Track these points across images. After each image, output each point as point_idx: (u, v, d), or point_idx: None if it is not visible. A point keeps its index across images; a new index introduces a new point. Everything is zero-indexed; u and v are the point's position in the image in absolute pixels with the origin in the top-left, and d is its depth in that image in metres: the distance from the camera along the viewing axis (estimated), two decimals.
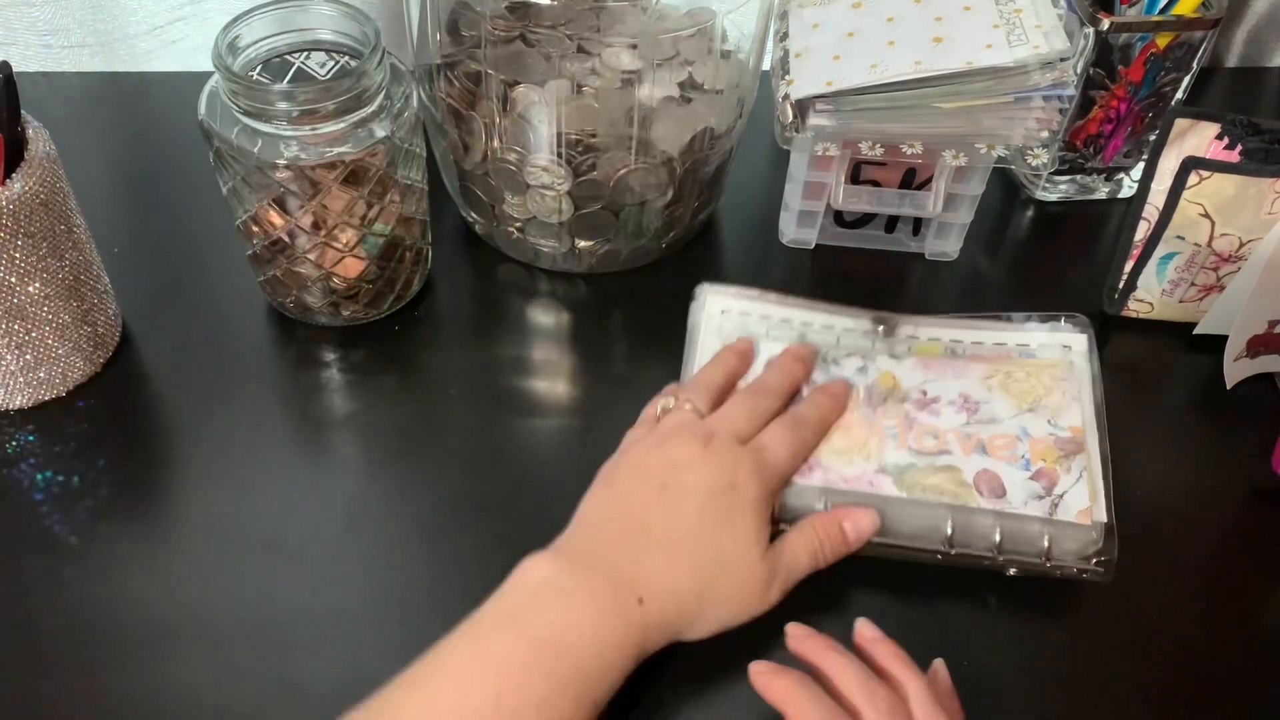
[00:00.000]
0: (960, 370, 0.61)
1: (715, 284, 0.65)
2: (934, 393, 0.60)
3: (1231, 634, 0.56)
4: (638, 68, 0.63)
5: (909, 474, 0.57)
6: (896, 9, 0.67)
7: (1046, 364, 0.61)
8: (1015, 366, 0.61)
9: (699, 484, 0.52)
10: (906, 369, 0.61)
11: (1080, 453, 0.57)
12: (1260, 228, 0.62)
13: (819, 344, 0.62)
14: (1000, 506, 0.55)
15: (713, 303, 0.64)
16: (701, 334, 0.63)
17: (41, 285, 0.58)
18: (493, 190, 0.68)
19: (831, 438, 0.58)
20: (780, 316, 0.64)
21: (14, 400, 0.62)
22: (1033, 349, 0.62)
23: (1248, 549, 0.60)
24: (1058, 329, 0.63)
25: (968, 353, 0.62)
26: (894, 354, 0.62)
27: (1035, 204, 0.79)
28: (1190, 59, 0.71)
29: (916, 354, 0.62)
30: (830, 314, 0.64)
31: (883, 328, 0.63)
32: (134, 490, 0.60)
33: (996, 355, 0.62)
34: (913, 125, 0.65)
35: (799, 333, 0.63)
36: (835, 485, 0.56)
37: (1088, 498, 0.56)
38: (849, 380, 0.60)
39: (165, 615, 0.55)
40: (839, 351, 0.62)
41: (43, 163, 0.57)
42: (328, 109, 0.57)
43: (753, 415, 0.56)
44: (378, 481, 0.61)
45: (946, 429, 0.58)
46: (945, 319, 0.64)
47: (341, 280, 0.64)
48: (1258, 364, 0.66)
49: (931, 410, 0.59)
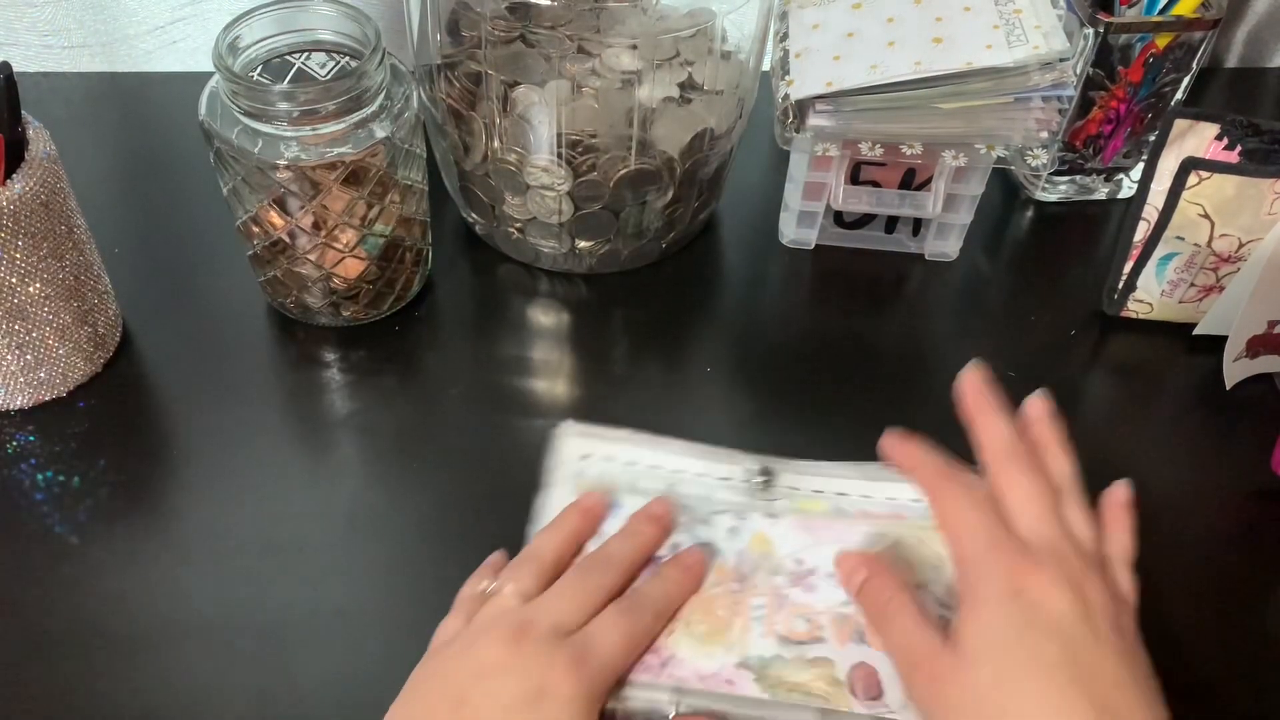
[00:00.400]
0: (842, 533, 0.52)
1: (576, 423, 0.56)
2: (811, 562, 0.51)
3: (1232, 634, 0.56)
4: (638, 68, 0.63)
5: (774, 668, 0.48)
6: (896, 9, 0.67)
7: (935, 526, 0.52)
8: (906, 530, 0.52)
9: (500, 696, 0.44)
10: (783, 530, 0.53)
11: None
12: (1260, 228, 0.62)
13: (689, 497, 0.54)
14: (875, 709, 0.47)
15: (571, 446, 0.55)
16: (557, 484, 0.54)
17: (42, 286, 0.58)
18: (493, 191, 0.68)
19: (691, 618, 0.49)
20: (649, 462, 0.55)
21: (14, 400, 0.62)
22: (923, 507, 0.52)
23: (1247, 549, 0.60)
24: (888, 477, 0.54)
25: (855, 509, 0.54)
26: (771, 512, 0.53)
27: (1035, 204, 0.79)
28: (1190, 59, 0.71)
29: (797, 511, 0.54)
30: (706, 459, 0.55)
31: (761, 479, 0.55)
32: (134, 490, 0.60)
33: (887, 513, 0.53)
34: (913, 125, 0.66)
35: (668, 482, 0.54)
36: (689, 684, 0.47)
37: None
38: (714, 545, 0.52)
39: (165, 615, 0.55)
40: (710, 508, 0.53)
41: (43, 163, 0.57)
42: (328, 109, 0.57)
43: (583, 598, 0.48)
44: (378, 481, 0.61)
45: (821, 609, 0.50)
46: (835, 467, 0.55)
47: (342, 280, 0.64)
48: (1258, 364, 0.66)
49: (806, 585, 0.51)
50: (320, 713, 0.51)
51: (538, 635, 0.46)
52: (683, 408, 0.65)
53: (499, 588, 0.49)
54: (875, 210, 0.72)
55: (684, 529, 0.53)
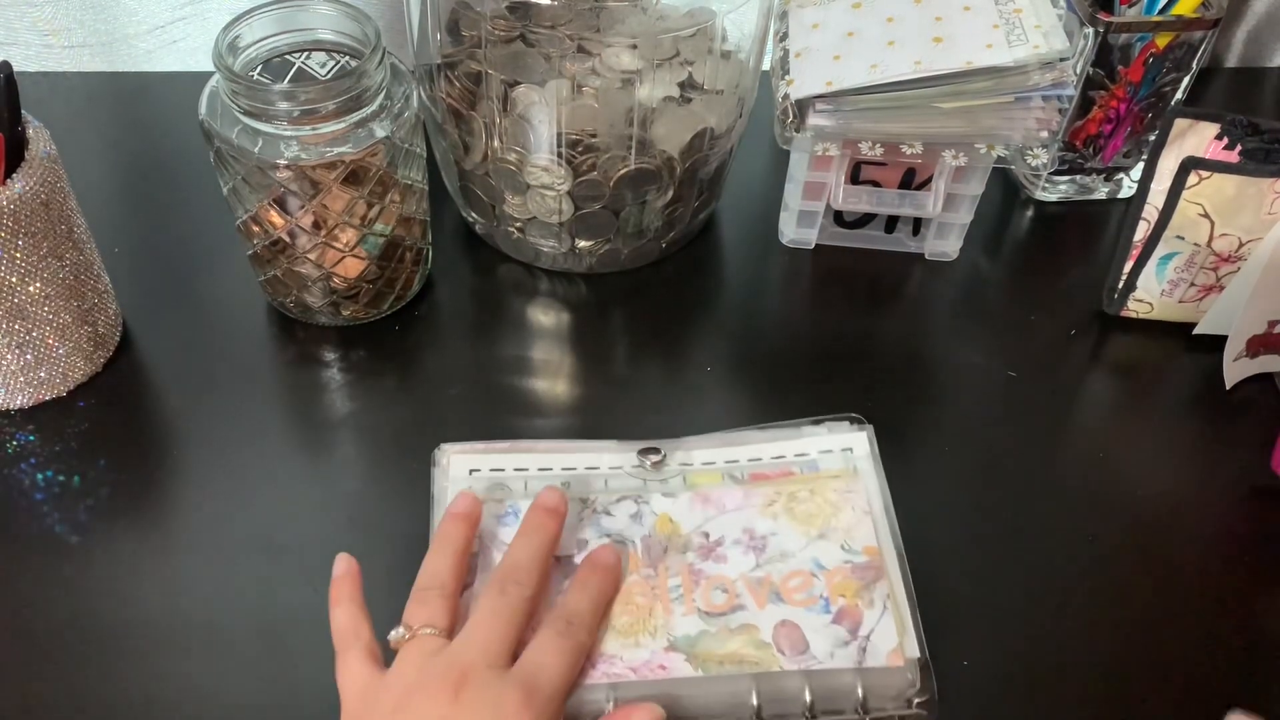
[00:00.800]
0: (741, 499, 0.54)
1: (455, 443, 0.56)
2: (716, 534, 0.53)
3: (1232, 634, 0.56)
4: (638, 68, 0.63)
5: (701, 644, 0.49)
6: (896, 9, 0.67)
7: (829, 476, 0.55)
8: (798, 485, 0.55)
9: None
10: (683, 507, 0.54)
11: (880, 579, 0.51)
12: (1260, 228, 0.62)
13: (586, 491, 0.55)
14: (805, 664, 0.49)
15: (457, 464, 0.55)
16: (449, 504, 0.53)
17: (42, 285, 0.58)
18: (493, 190, 0.68)
19: (612, 613, 0.50)
20: (538, 466, 0.56)
21: (14, 400, 0.62)
22: (813, 458, 0.56)
23: (1247, 549, 0.60)
24: (836, 429, 0.57)
25: (747, 474, 0.56)
26: (668, 491, 0.55)
27: (1035, 204, 0.79)
28: (1190, 59, 0.71)
29: (692, 486, 0.55)
30: (593, 452, 0.56)
31: (651, 460, 0.56)
32: (134, 490, 0.60)
33: (778, 473, 0.56)
34: (913, 125, 0.65)
35: (561, 481, 0.55)
36: (624, 678, 0.48)
37: (895, 633, 0.49)
38: (621, 535, 0.53)
39: (165, 615, 0.55)
40: (608, 497, 0.54)
41: (43, 163, 0.57)
42: (328, 109, 0.57)
43: (507, 618, 0.46)
44: (378, 481, 0.61)
45: (735, 577, 0.51)
46: (719, 437, 0.57)
47: (342, 280, 0.64)
48: (1258, 364, 0.66)
49: (717, 557, 0.52)
50: (320, 712, 0.51)
51: (479, 679, 0.44)
52: (683, 407, 0.65)
53: (410, 628, 0.46)
54: (875, 210, 0.72)
55: (589, 523, 0.54)
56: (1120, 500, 0.61)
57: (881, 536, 0.53)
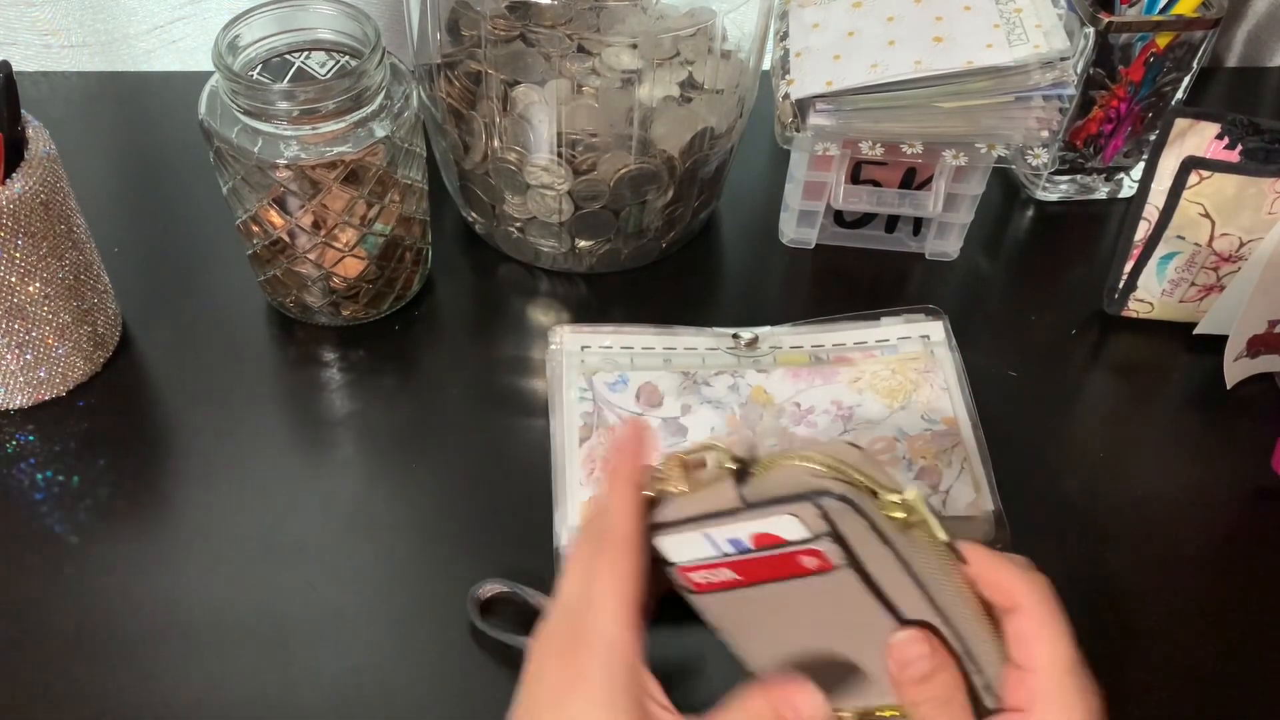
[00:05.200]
0: (828, 375, 0.61)
1: (569, 324, 0.64)
2: (807, 403, 0.60)
3: (1233, 634, 0.56)
4: (638, 67, 0.63)
5: None
6: (896, 9, 0.67)
7: (909, 358, 0.62)
8: (880, 365, 0.62)
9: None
10: (776, 381, 0.61)
11: (957, 444, 0.58)
12: (1260, 227, 0.62)
13: (687, 366, 0.62)
14: None
15: (571, 341, 0.63)
16: (565, 374, 0.61)
17: (41, 285, 0.58)
18: (493, 190, 0.68)
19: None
20: (642, 345, 0.63)
21: (14, 400, 0.62)
22: (893, 343, 0.63)
23: (1248, 549, 0.60)
24: (914, 320, 0.65)
25: (831, 357, 0.63)
26: (761, 367, 0.62)
27: (1035, 204, 0.79)
28: (1190, 59, 0.71)
29: (783, 364, 0.62)
30: (690, 335, 0.64)
31: (744, 342, 0.63)
32: (134, 490, 0.60)
33: (860, 356, 0.63)
34: (913, 125, 0.65)
35: (663, 358, 0.62)
36: None
37: (972, 489, 0.56)
38: (721, 402, 0.60)
39: (165, 615, 0.55)
40: (707, 371, 0.62)
41: (43, 163, 0.57)
42: (328, 108, 0.57)
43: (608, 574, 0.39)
44: (378, 481, 0.61)
45: (826, 441, 0.58)
46: (803, 325, 0.65)
47: (341, 280, 0.64)
48: (1258, 364, 0.66)
49: (808, 423, 0.59)
50: (320, 712, 0.51)
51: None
52: None
53: None
54: (875, 210, 0.72)
55: (690, 391, 0.61)
56: (1120, 500, 0.61)
57: (959, 410, 0.60)
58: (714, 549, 0.38)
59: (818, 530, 0.36)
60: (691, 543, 0.39)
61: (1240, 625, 0.56)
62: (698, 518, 0.38)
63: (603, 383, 0.61)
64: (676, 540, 0.39)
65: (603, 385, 0.61)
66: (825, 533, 0.36)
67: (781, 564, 0.38)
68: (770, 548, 0.37)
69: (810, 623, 0.40)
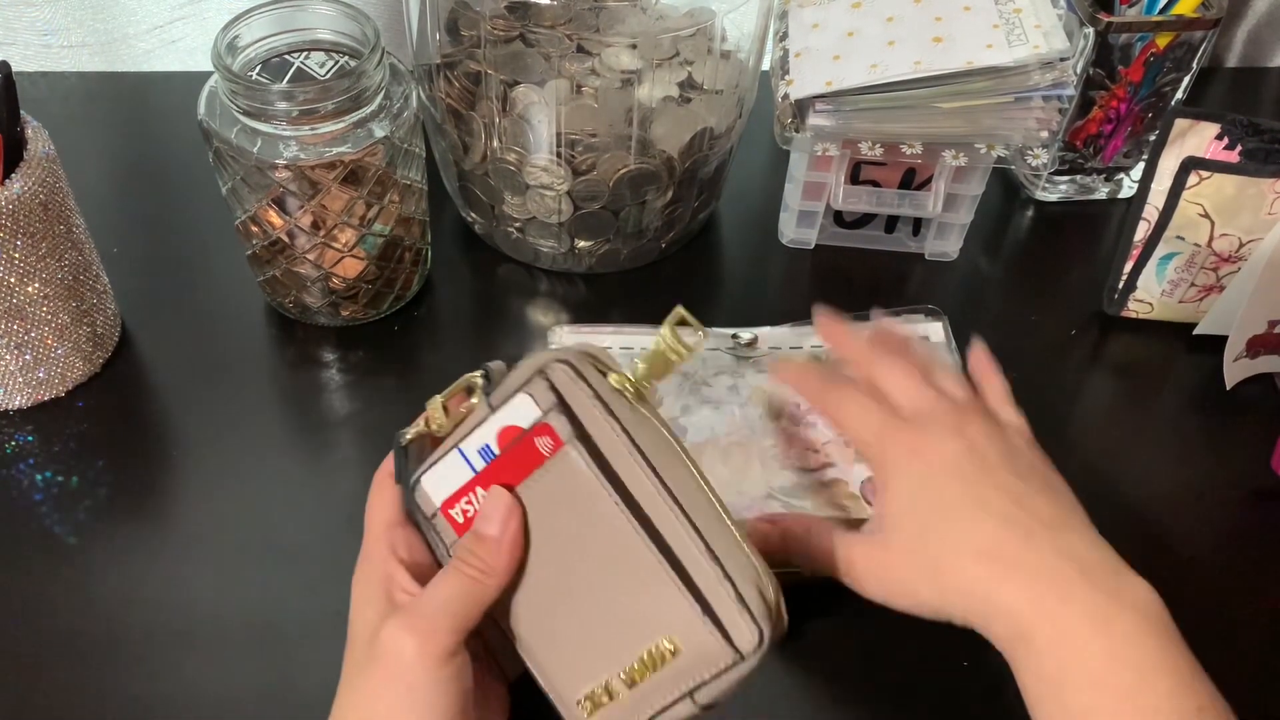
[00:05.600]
0: None
1: (567, 325, 0.65)
2: (807, 405, 0.60)
3: (1233, 634, 0.56)
4: (637, 68, 0.63)
5: (797, 494, 0.56)
6: (896, 9, 0.67)
7: None
8: None
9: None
10: (775, 382, 0.61)
11: None
12: (1260, 228, 0.62)
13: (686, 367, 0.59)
14: None
15: (569, 341, 0.63)
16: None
17: (41, 285, 0.58)
18: (492, 190, 0.68)
19: (715, 467, 0.57)
20: (641, 345, 0.63)
21: (13, 400, 0.62)
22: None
23: (1248, 549, 0.60)
24: (913, 321, 0.65)
25: (831, 357, 0.61)
26: (760, 368, 0.62)
27: (1035, 204, 0.79)
28: (1190, 59, 0.71)
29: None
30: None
31: (743, 343, 0.63)
32: (133, 490, 0.60)
33: None
34: (913, 125, 0.65)
35: None
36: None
37: None
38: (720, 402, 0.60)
39: (165, 615, 0.55)
40: (706, 372, 0.62)
41: (42, 163, 0.57)
42: (327, 109, 0.57)
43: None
44: None
45: (825, 441, 0.58)
46: (802, 326, 0.64)
47: (341, 280, 0.64)
48: (1258, 364, 0.66)
49: (807, 424, 0.59)
50: (320, 712, 0.51)
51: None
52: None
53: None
54: (875, 210, 0.72)
55: (690, 391, 0.60)
56: (1120, 500, 0.61)
57: None
58: (467, 466, 0.41)
59: (547, 405, 0.39)
60: (449, 468, 0.41)
61: (1240, 625, 0.56)
62: (454, 441, 0.41)
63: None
64: (437, 475, 0.42)
65: None
66: (554, 405, 0.39)
67: (522, 457, 0.40)
68: (512, 442, 0.40)
69: (572, 580, 0.40)
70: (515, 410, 0.40)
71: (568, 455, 0.39)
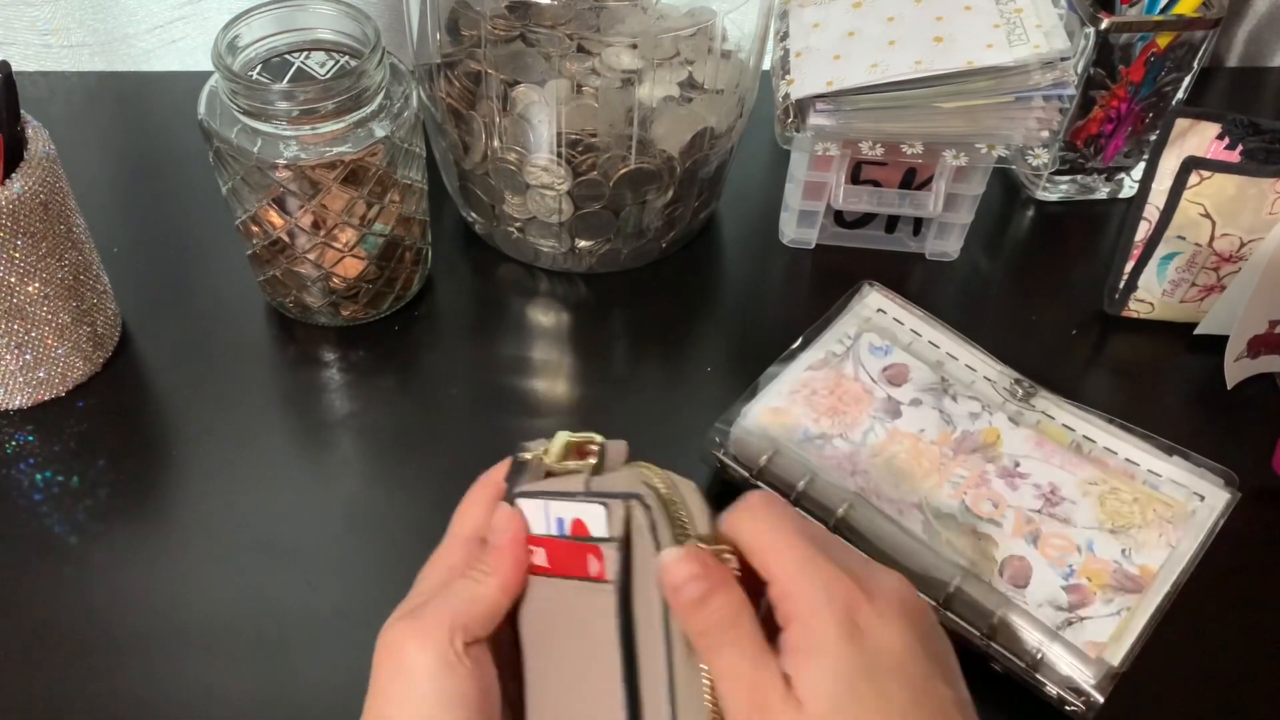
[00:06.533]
0: (1071, 465, 0.58)
1: (881, 286, 0.66)
2: (1026, 469, 0.57)
3: (1233, 635, 0.56)
4: (638, 67, 0.63)
5: (944, 522, 0.55)
6: (896, 9, 0.67)
7: (1162, 499, 0.57)
8: (1127, 488, 0.57)
9: None
10: (1017, 438, 0.59)
11: (1136, 593, 0.53)
12: (1261, 228, 0.62)
13: (951, 376, 0.62)
14: (1013, 596, 0.52)
15: (873, 299, 0.65)
16: (844, 318, 0.64)
17: (41, 285, 0.58)
18: (493, 190, 0.68)
19: (897, 452, 0.57)
20: (930, 338, 0.64)
21: (13, 400, 0.62)
22: (1161, 480, 0.58)
23: (1248, 549, 0.60)
24: (1202, 474, 0.58)
25: (1093, 453, 0.59)
26: (1016, 419, 0.60)
27: (1035, 204, 0.79)
28: (1191, 59, 0.71)
29: (1039, 430, 0.59)
30: (977, 355, 0.63)
31: (1021, 393, 0.61)
32: (134, 490, 0.60)
33: (1119, 469, 0.58)
34: (913, 125, 0.65)
35: (937, 359, 0.63)
36: (867, 496, 0.55)
37: (1109, 635, 0.51)
38: (950, 416, 0.59)
39: (165, 615, 0.55)
40: (964, 389, 0.61)
41: (42, 163, 0.57)
42: (327, 109, 0.57)
43: None
44: (378, 481, 0.61)
45: (1013, 504, 0.56)
46: (1090, 412, 0.60)
47: (341, 280, 0.64)
48: (1258, 364, 0.66)
49: (1010, 482, 0.57)
50: (320, 713, 0.51)
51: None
52: (683, 408, 0.65)
53: None
54: (876, 210, 0.72)
55: (934, 393, 0.60)
56: None
57: (1167, 570, 0.54)
58: (545, 524, 0.40)
59: (615, 533, 0.37)
60: (533, 512, 0.41)
61: (1241, 625, 0.56)
62: (551, 492, 0.40)
63: (868, 342, 0.63)
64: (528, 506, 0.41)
65: (866, 343, 0.63)
66: (619, 537, 0.37)
67: (574, 556, 0.39)
68: (577, 537, 0.39)
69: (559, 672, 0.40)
70: (593, 513, 0.38)
71: (603, 591, 0.37)
